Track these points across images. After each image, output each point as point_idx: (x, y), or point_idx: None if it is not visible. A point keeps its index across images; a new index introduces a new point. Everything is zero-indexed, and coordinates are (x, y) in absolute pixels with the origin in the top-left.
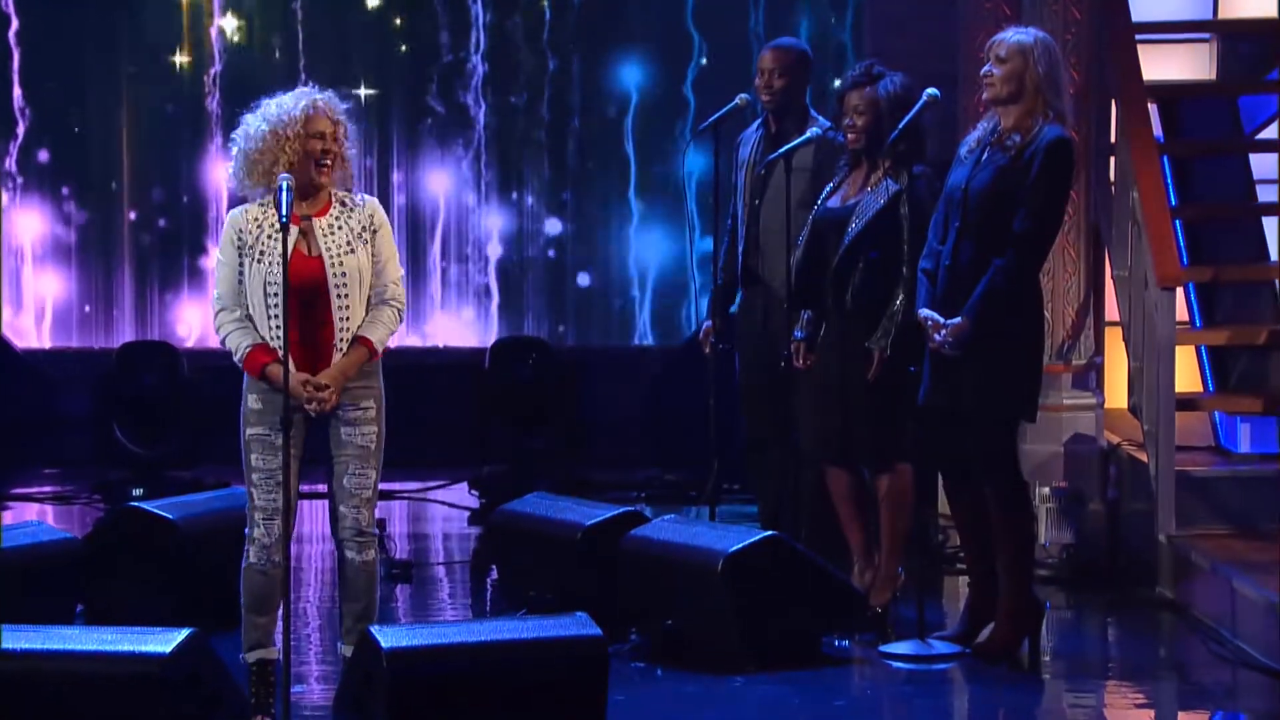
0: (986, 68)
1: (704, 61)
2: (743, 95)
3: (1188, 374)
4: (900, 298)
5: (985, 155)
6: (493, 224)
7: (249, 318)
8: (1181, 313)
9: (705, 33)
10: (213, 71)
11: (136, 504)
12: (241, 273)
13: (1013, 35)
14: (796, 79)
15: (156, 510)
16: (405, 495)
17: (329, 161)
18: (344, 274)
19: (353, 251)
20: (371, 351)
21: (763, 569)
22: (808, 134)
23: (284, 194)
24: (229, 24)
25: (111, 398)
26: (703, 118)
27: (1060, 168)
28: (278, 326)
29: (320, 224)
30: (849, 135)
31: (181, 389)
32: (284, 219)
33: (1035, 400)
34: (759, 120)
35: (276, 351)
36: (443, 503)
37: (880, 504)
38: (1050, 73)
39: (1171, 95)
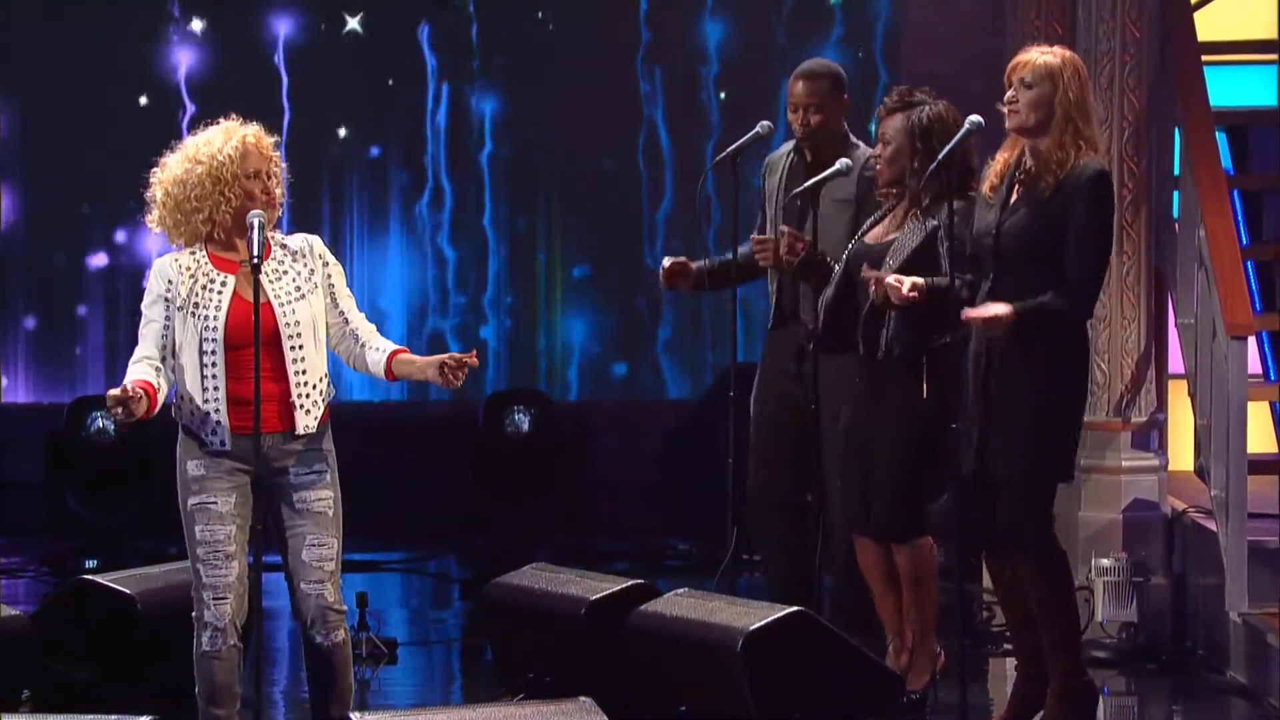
0: (1010, 93)
1: (722, 96)
2: (765, 123)
3: (1261, 433)
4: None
5: (1014, 195)
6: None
7: (160, 366)
8: (1254, 365)
9: (723, 52)
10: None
11: (90, 577)
12: (167, 329)
13: (1039, 56)
14: (833, 108)
15: (112, 583)
16: (389, 567)
17: (267, 202)
18: (296, 322)
19: (303, 298)
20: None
21: (787, 649)
22: (836, 165)
23: (255, 233)
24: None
25: (62, 458)
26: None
27: (1105, 205)
28: (215, 387)
29: (264, 268)
30: (878, 166)
31: (140, 448)
32: (255, 259)
33: (1072, 458)
34: (791, 145)
35: (137, 390)
36: (431, 575)
37: (901, 580)
38: (1081, 97)
39: (1242, 123)
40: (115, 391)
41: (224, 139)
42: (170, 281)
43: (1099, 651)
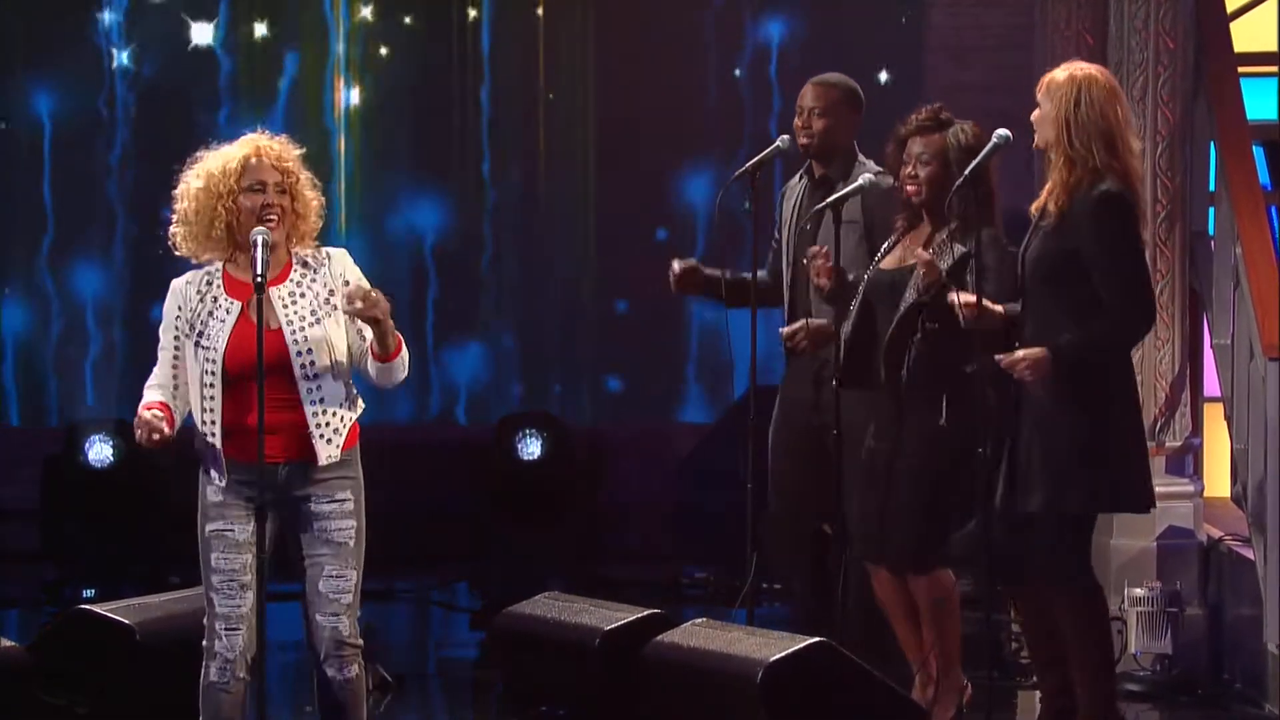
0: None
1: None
2: (784, 137)
3: None
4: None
5: (1039, 220)
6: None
7: (174, 392)
8: None
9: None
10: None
11: (88, 606)
12: (178, 357)
13: (1059, 73)
14: (841, 119)
15: (111, 613)
16: (397, 595)
17: (273, 217)
18: (309, 350)
19: (317, 322)
20: (399, 348)
21: (808, 681)
22: (859, 181)
23: (259, 250)
24: None
25: (59, 483)
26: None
27: (1114, 225)
28: (213, 420)
29: (278, 292)
30: (909, 187)
31: (140, 473)
32: (259, 278)
33: (1148, 484)
34: (802, 170)
35: (156, 414)
36: (440, 604)
37: (920, 612)
38: (1103, 117)
39: None
40: (141, 419)
41: (237, 149)
42: (180, 306)
43: (1132, 684)
